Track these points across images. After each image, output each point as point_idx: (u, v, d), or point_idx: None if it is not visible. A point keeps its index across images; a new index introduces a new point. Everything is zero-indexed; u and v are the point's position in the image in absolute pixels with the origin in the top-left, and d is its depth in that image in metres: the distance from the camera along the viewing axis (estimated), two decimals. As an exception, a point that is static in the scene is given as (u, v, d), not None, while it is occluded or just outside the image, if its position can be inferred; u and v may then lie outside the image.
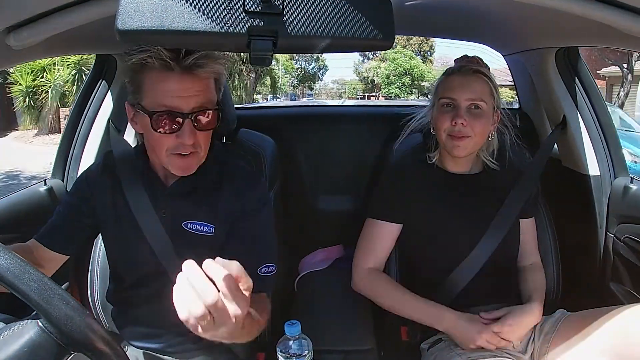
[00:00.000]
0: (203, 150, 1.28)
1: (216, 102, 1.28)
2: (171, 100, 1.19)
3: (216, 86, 1.29)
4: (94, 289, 1.70)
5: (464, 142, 1.57)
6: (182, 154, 1.25)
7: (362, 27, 0.79)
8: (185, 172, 1.29)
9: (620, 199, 1.80)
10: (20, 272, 0.79)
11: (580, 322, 1.45)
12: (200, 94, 1.21)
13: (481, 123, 1.57)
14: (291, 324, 1.24)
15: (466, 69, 1.61)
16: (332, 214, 2.57)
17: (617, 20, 1.10)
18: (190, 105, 1.20)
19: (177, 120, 1.21)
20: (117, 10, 0.75)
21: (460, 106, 1.56)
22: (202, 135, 1.25)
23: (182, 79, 1.19)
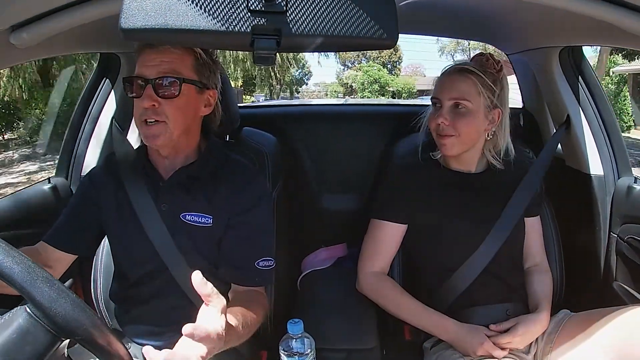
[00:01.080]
0: (172, 122, 1.33)
1: (194, 80, 1.36)
2: (140, 68, 1.32)
3: (194, 64, 1.37)
4: (98, 287, 1.71)
5: (448, 140, 1.57)
6: (148, 121, 1.32)
7: (366, 26, 0.79)
8: (152, 141, 1.34)
9: (624, 199, 1.80)
10: (4, 255, 0.79)
11: (584, 323, 1.45)
12: (166, 65, 1.31)
13: (466, 122, 1.56)
14: (294, 323, 1.24)
15: (453, 69, 1.61)
16: (335, 212, 2.57)
17: (621, 20, 1.10)
18: (153, 72, 1.30)
19: (140, 84, 1.31)
20: (121, 9, 0.75)
21: (443, 105, 1.58)
22: (167, 105, 1.31)
23: (154, 51, 1.32)
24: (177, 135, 1.35)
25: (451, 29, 2.37)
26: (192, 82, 1.35)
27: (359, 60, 25.14)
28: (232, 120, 1.65)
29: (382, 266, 1.68)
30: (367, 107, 3.49)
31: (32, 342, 0.79)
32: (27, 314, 0.80)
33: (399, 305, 1.62)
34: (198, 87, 1.37)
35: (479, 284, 1.58)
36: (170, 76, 1.31)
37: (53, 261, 1.41)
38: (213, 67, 1.42)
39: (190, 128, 1.40)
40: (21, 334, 0.78)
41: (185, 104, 1.34)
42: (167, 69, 1.31)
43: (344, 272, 2.06)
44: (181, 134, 1.36)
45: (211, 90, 1.42)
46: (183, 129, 1.36)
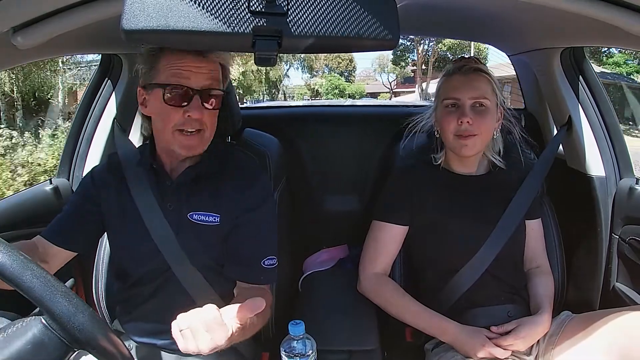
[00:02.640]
0: (209, 131, 1.36)
1: (225, 89, 1.40)
2: (185, 74, 1.30)
3: (223, 73, 1.39)
4: (99, 287, 1.71)
5: (471, 140, 1.57)
6: (188, 130, 1.32)
7: (367, 27, 0.79)
8: (190, 151, 1.35)
9: (626, 200, 1.80)
10: (23, 268, 0.79)
11: (585, 324, 1.45)
12: (210, 75, 1.32)
13: (486, 120, 1.57)
14: (295, 324, 1.24)
15: (467, 67, 1.61)
16: (337, 213, 2.57)
17: (622, 21, 1.10)
18: (200, 83, 1.31)
19: (187, 94, 1.30)
20: (123, 10, 0.75)
21: (464, 105, 1.56)
22: (208, 115, 1.33)
23: (195, 59, 1.30)
24: (208, 143, 1.38)
25: (452, 29, 2.37)
26: (224, 90, 1.38)
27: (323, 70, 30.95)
28: (234, 122, 1.65)
29: (383, 267, 1.69)
30: (368, 109, 3.49)
31: (46, 353, 0.79)
32: (42, 325, 0.80)
33: (400, 307, 1.62)
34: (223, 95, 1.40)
35: (481, 286, 1.58)
36: (215, 89, 1.34)
37: (49, 256, 1.40)
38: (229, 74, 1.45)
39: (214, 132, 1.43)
40: (35, 345, 0.79)
41: (217, 114, 1.38)
42: (213, 82, 1.33)
43: (345, 273, 2.05)
44: (210, 140, 1.39)
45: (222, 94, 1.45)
46: (212, 137, 1.39)
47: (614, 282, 1.84)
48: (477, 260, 1.58)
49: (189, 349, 0.99)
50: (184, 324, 1.00)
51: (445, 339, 1.55)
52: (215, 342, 0.98)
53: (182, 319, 1.01)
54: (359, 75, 33.40)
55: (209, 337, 0.98)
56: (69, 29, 1.11)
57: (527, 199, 1.66)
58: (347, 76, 31.38)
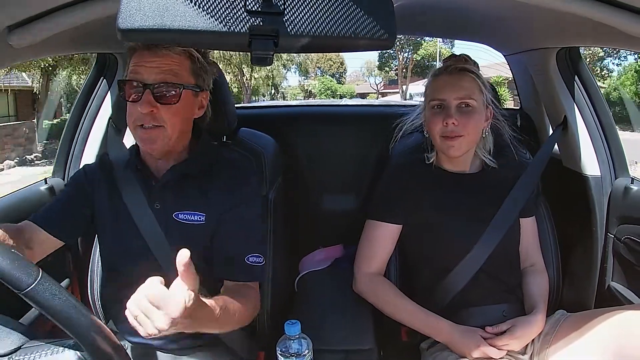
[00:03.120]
0: (170, 128, 1.33)
1: (192, 85, 1.36)
2: (138, 70, 1.30)
3: (192, 68, 1.36)
4: (94, 287, 1.70)
5: (457, 141, 1.57)
6: (144, 125, 1.31)
7: (364, 26, 0.79)
8: (149, 145, 1.34)
9: (621, 200, 1.80)
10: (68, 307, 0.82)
11: (580, 323, 1.46)
12: (163, 68, 1.30)
13: (473, 121, 1.57)
14: (291, 324, 1.25)
15: (452, 68, 1.61)
16: (333, 213, 2.57)
17: (618, 21, 1.11)
18: (151, 77, 1.29)
19: (138, 88, 1.30)
20: (119, 9, 0.75)
21: (450, 106, 1.56)
22: (165, 111, 1.31)
23: (149, 54, 1.30)
24: (174, 139, 1.35)
25: (449, 29, 2.37)
26: (191, 87, 1.35)
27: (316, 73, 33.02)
28: (229, 121, 1.65)
29: (378, 267, 1.69)
30: (364, 108, 3.49)
31: None
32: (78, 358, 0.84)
33: (395, 307, 1.62)
34: (195, 91, 1.37)
35: (475, 284, 1.58)
36: (171, 82, 1.31)
37: (35, 243, 1.38)
38: (208, 69, 1.42)
39: (184, 130, 1.41)
40: None
41: (182, 109, 1.34)
42: (167, 74, 1.30)
43: (341, 272, 2.05)
44: (177, 137, 1.37)
45: (204, 92, 1.43)
46: (179, 133, 1.37)
47: (609, 282, 1.84)
48: (471, 259, 1.58)
49: (149, 332, 0.96)
50: (135, 309, 0.97)
51: (440, 339, 1.55)
52: (170, 316, 0.94)
53: (131, 305, 0.98)
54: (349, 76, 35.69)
55: (162, 314, 0.95)
56: (64, 28, 1.11)
57: (521, 198, 1.66)
58: (338, 78, 33.34)
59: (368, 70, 34.38)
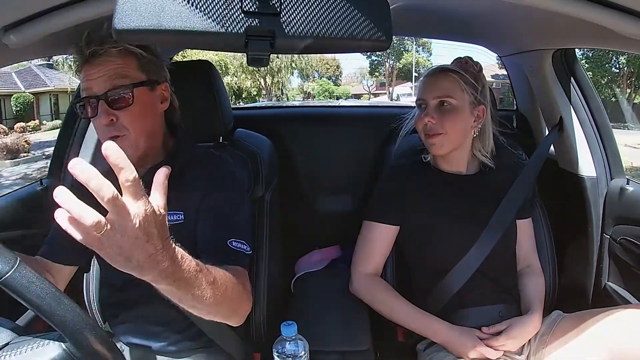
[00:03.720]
0: (133, 132, 1.29)
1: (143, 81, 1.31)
2: (87, 85, 1.27)
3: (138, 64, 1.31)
4: (90, 291, 1.70)
5: (437, 139, 1.58)
6: (110, 137, 1.26)
7: (360, 28, 0.79)
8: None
9: (617, 201, 1.81)
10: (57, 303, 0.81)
11: (576, 323, 1.46)
12: (111, 74, 1.26)
13: (452, 119, 1.57)
14: (287, 325, 1.24)
15: (434, 69, 1.64)
16: (329, 214, 2.57)
17: (613, 22, 1.11)
18: (101, 87, 1.25)
19: (92, 103, 1.26)
20: (114, 10, 0.74)
21: (428, 105, 1.59)
22: (125, 116, 1.27)
23: (93, 65, 1.26)
24: (142, 143, 1.32)
25: (445, 31, 2.37)
26: (142, 84, 1.30)
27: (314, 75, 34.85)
28: (225, 122, 1.65)
29: (375, 268, 1.69)
30: (361, 109, 3.49)
31: None
32: (63, 351, 0.81)
33: (392, 308, 1.62)
34: (149, 86, 1.33)
35: (472, 285, 1.58)
36: (120, 85, 1.26)
37: (53, 273, 1.37)
38: (158, 61, 1.37)
39: (153, 130, 1.37)
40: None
41: (142, 109, 1.30)
42: (114, 79, 1.26)
43: (337, 274, 2.05)
44: (146, 139, 1.33)
45: (162, 84, 1.38)
46: (147, 135, 1.33)
47: (605, 282, 1.85)
48: (468, 260, 1.58)
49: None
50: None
51: (437, 340, 1.56)
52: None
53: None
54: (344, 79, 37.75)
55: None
56: (60, 28, 1.10)
57: (518, 199, 1.66)
58: (335, 80, 35.36)
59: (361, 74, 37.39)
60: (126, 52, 1.28)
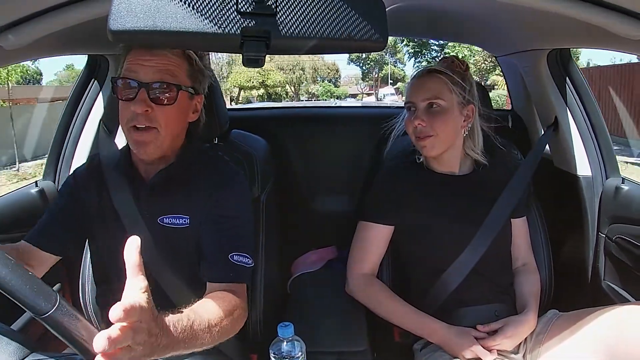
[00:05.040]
0: (164, 130, 1.29)
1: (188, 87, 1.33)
2: (133, 68, 1.27)
3: (189, 70, 1.33)
4: (86, 291, 1.69)
5: (428, 141, 1.59)
6: (137, 126, 1.27)
7: (356, 28, 0.79)
8: (142, 148, 1.30)
9: (612, 200, 1.81)
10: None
11: (573, 322, 1.46)
12: (160, 69, 1.27)
13: (442, 120, 1.58)
14: (284, 326, 1.24)
15: (422, 71, 1.64)
16: (325, 215, 2.57)
17: (607, 22, 1.11)
18: (148, 77, 1.26)
19: (133, 87, 1.26)
20: (110, 11, 0.74)
21: (418, 107, 1.60)
22: (160, 112, 1.28)
23: (145, 52, 1.27)
24: (167, 142, 1.33)
25: (441, 31, 2.38)
26: (187, 89, 1.32)
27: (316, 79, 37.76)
28: (221, 123, 1.65)
29: (370, 268, 1.69)
30: (357, 110, 3.49)
31: None
32: None
33: (388, 308, 1.62)
34: (190, 94, 1.34)
35: (468, 285, 1.58)
36: (168, 82, 1.27)
37: (35, 261, 1.35)
38: (205, 73, 1.39)
39: (178, 134, 1.38)
40: None
41: (177, 111, 1.31)
42: (164, 74, 1.27)
43: (334, 274, 2.05)
44: (170, 141, 1.34)
45: (199, 96, 1.40)
46: (172, 137, 1.34)
47: (601, 281, 1.85)
48: (463, 260, 1.58)
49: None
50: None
51: (433, 340, 1.55)
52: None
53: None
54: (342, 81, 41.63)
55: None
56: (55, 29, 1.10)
57: (512, 199, 1.67)
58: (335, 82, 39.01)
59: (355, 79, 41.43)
60: (183, 55, 1.31)
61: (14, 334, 0.92)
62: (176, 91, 1.28)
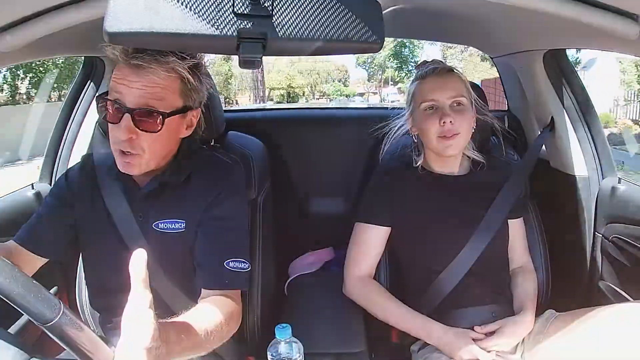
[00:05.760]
0: (148, 154, 1.25)
1: (178, 109, 1.26)
2: (118, 87, 1.21)
3: (181, 89, 1.26)
4: (83, 295, 1.68)
5: (455, 140, 1.57)
6: (123, 150, 1.23)
7: (352, 30, 0.79)
8: (128, 170, 1.27)
9: (609, 200, 1.82)
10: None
11: (570, 322, 1.46)
12: (147, 92, 1.20)
13: (466, 118, 1.58)
14: (282, 328, 1.24)
15: (440, 69, 1.63)
16: (322, 216, 2.57)
17: (603, 23, 1.11)
18: (134, 101, 1.20)
19: (117, 110, 1.21)
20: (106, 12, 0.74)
21: (443, 106, 1.58)
22: (145, 138, 1.22)
23: (133, 71, 1.20)
24: (152, 164, 1.28)
25: (436, 33, 2.38)
26: (175, 112, 1.25)
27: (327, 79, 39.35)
28: (217, 125, 1.64)
29: (367, 269, 1.68)
30: (353, 111, 3.49)
31: None
32: None
33: (385, 309, 1.62)
34: (181, 113, 1.28)
35: (465, 286, 1.58)
36: (152, 109, 1.20)
37: (23, 262, 1.32)
38: (200, 87, 1.31)
39: (167, 152, 1.33)
40: None
41: (165, 135, 1.26)
42: (150, 99, 1.20)
43: (331, 276, 2.05)
44: (157, 161, 1.30)
45: (195, 110, 1.33)
46: (159, 158, 1.30)
47: (599, 281, 1.86)
48: (460, 261, 1.59)
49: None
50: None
51: (431, 341, 1.55)
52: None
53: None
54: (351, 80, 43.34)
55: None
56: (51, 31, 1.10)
57: (509, 200, 1.67)
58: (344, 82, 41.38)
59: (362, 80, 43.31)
60: (173, 75, 1.23)
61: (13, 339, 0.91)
62: (162, 119, 1.22)
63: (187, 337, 1.01)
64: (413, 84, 1.68)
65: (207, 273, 1.31)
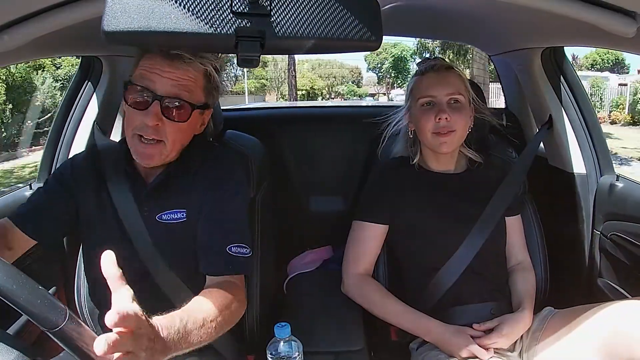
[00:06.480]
0: (170, 144, 1.28)
1: (202, 104, 1.31)
2: (150, 77, 1.24)
3: (205, 86, 1.31)
4: (82, 293, 1.68)
5: (449, 137, 1.58)
6: (145, 138, 1.26)
7: (350, 28, 0.79)
8: (145, 160, 1.30)
9: (607, 197, 1.82)
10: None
11: (568, 319, 1.46)
12: (179, 83, 1.25)
13: (462, 116, 1.59)
14: (281, 326, 1.24)
15: (439, 66, 1.63)
16: (321, 215, 2.57)
17: (601, 20, 1.11)
18: (164, 89, 1.24)
19: (147, 97, 1.24)
20: (104, 11, 0.74)
21: (441, 102, 1.58)
22: (170, 127, 1.26)
23: (166, 61, 1.24)
24: (172, 154, 1.32)
25: (435, 31, 2.38)
26: (199, 107, 1.31)
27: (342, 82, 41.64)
28: (216, 124, 1.64)
29: (366, 267, 1.69)
30: (351, 109, 3.49)
31: None
32: None
33: (384, 307, 1.62)
34: (202, 109, 1.33)
35: (463, 283, 1.59)
36: (184, 100, 1.26)
37: (15, 243, 1.34)
38: (220, 88, 1.38)
39: (183, 145, 1.36)
40: None
41: (187, 127, 1.31)
42: (182, 90, 1.26)
43: (329, 274, 2.05)
44: (176, 152, 1.33)
45: (209, 110, 1.39)
46: (178, 149, 1.33)
47: (597, 278, 1.86)
48: (458, 258, 1.59)
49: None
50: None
51: (429, 339, 1.56)
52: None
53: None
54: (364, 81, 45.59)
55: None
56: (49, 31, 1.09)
57: (507, 197, 1.67)
58: (357, 83, 43.72)
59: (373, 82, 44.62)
60: (203, 70, 1.29)
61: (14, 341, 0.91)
62: (190, 109, 1.27)
63: (184, 330, 1.02)
64: (412, 80, 1.69)
65: (209, 259, 1.33)
